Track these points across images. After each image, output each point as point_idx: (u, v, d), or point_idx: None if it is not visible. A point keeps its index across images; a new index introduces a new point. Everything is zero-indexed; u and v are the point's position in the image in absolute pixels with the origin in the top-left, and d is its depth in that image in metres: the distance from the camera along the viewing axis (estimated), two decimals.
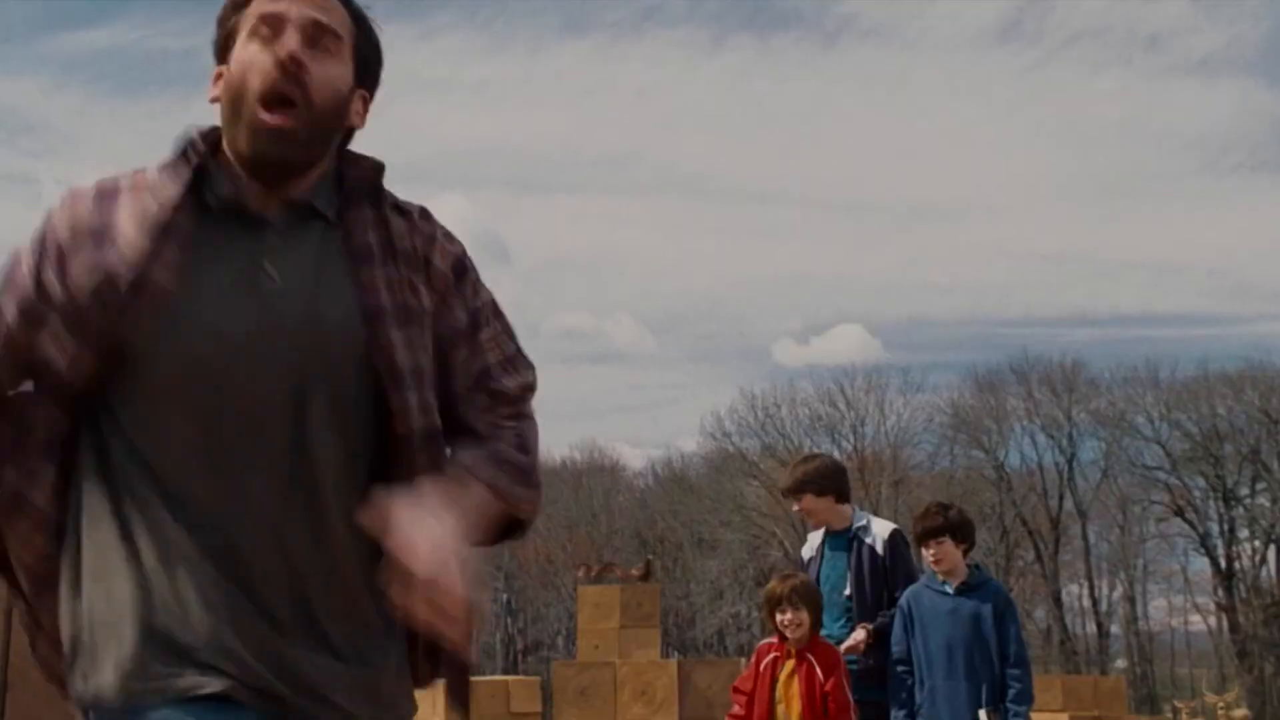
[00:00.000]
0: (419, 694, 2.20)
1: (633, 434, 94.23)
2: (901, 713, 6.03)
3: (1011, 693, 5.90)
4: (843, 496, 6.37)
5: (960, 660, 5.95)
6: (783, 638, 5.82)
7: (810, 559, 6.42)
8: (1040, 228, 77.95)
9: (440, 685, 2.27)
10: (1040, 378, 54.18)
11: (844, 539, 6.27)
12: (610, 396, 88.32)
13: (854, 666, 6.07)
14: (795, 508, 6.49)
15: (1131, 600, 53.47)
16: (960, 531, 6.11)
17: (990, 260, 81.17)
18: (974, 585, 6.10)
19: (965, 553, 6.13)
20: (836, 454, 53.00)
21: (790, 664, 5.79)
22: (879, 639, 6.11)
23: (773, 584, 5.99)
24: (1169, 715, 37.27)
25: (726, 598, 52.49)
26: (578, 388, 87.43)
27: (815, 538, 6.45)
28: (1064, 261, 78.65)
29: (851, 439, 53.52)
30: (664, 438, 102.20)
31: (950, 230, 79.40)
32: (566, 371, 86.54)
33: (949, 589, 6.07)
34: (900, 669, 6.10)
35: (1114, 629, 54.06)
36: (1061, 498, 52.94)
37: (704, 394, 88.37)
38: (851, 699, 5.73)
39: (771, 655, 5.87)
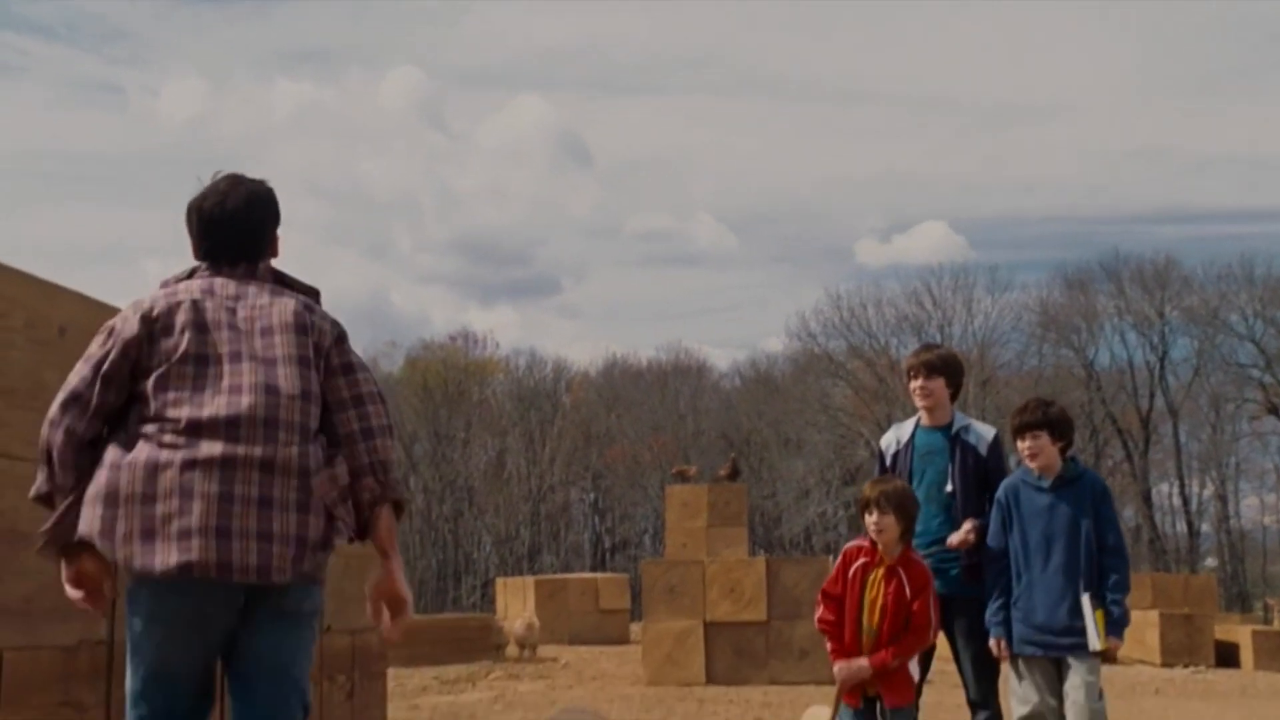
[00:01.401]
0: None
1: (717, 335, 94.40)
2: (997, 604, 6.09)
3: (1110, 581, 5.93)
4: (957, 394, 6.44)
5: (1056, 553, 5.97)
6: (873, 542, 5.89)
7: (896, 451, 6.44)
8: (1130, 123, 76.72)
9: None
10: (1131, 275, 53.57)
11: (942, 435, 6.29)
12: (694, 298, 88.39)
13: (958, 564, 6.15)
14: (916, 383, 6.41)
15: (1223, 499, 53.11)
16: (1058, 429, 6.10)
17: (1079, 157, 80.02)
18: (1070, 479, 6.09)
19: (1063, 451, 6.11)
20: None
21: (879, 573, 5.78)
22: (983, 537, 6.15)
23: (865, 486, 6.02)
24: (1260, 613, 37.13)
25: (812, 497, 52.72)
26: (661, 290, 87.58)
27: (903, 428, 6.47)
28: (1156, 157, 77.35)
29: (938, 339, 53.12)
30: (749, 339, 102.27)
31: (1037, 127, 78.27)
32: (649, 274, 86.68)
33: (1045, 483, 6.09)
34: (995, 563, 6.17)
35: (1204, 528, 53.80)
36: (1152, 396, 52.50)
37: (787, 295, 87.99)
38: (934, 619, 5.77)
39: (861, 561, 5.83)
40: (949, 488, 6.27)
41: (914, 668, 5.82)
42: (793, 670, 15.82)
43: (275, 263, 4.11)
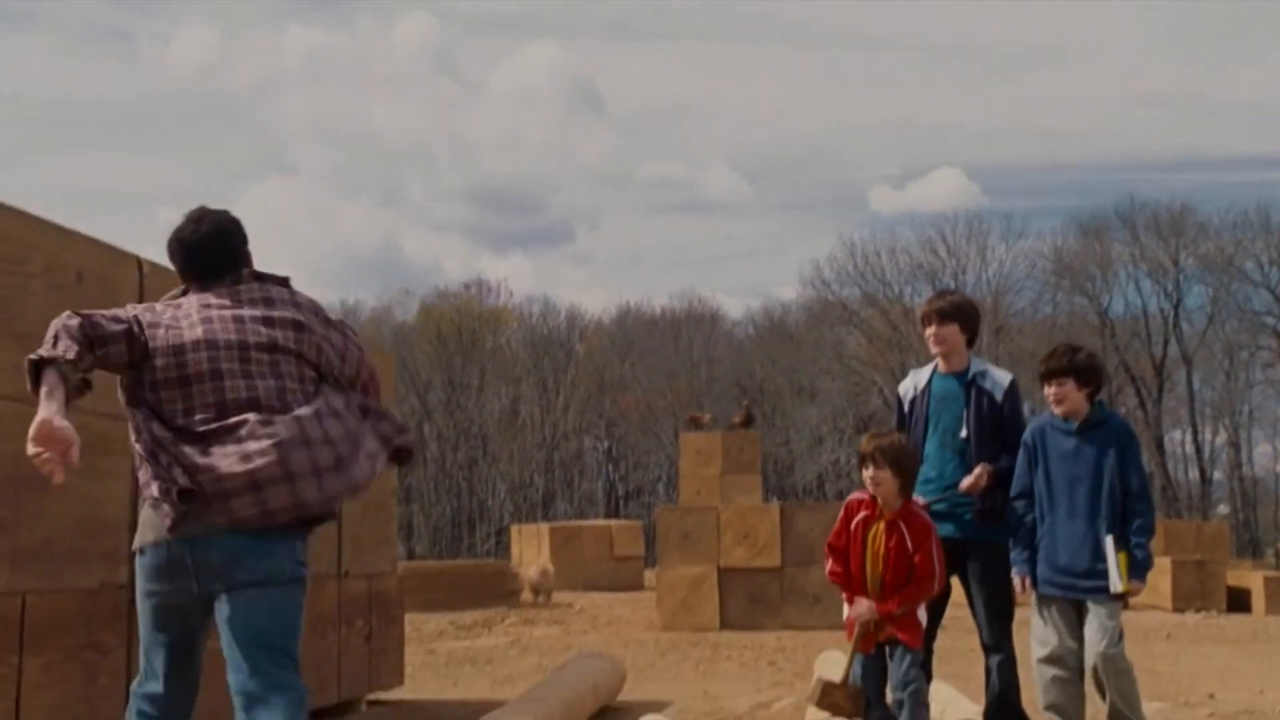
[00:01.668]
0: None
1: (731, 283, 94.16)
2: (1022, 544, 6.14)
3: (1134, 525, 5.94)
4: (973, 340, 6.43)
5: (1081, 498, 5.99)
6: (873, 495, 5.87)
7: (914, 398, 6.46)
8: (1146, 69, 76.17)
9: None
10: (1146, 222, 53.34)
11: (959, 381, 6.30)
12: (707, 246, 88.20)
13: (971, 508, 6.17)
14: (930, 330, 6.43)
15: (1235, 446, 53.04)
16: (1084, 375, 6.08)
17: (1094, 103, 79.51)
18: (1096, 423, 6.10)
19: (1090, 397, 6.11)
20: None
21: (880, 526, 5.80)
22: (997, 481, 6.17)
23: (863, 440, 6.05)
24: (1271, 560, 37.16)
25: (826, 445, 52.81)
26: (674, 237, 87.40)
27: (921, 374, 6.48)
28: (1171, 103, 76.82)
29: (952, 286, 53.04)
30: (762, 287, 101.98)
31: (1053, 73, 77.73)
32: (661, 221, 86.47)
33: (1071, 426, 6.09)
34: (1020, 503, 6.19)
35: (1216, 475, 53.78)
36: (1166, 344, 52.40)
37: (801, 242, 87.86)
38: (938, 569, 5.77)
39: (862, 514, 5.84)
40: (964, 433, 6.28)
41: (922, 613, 5.86)
42: (806, 616, 15.90)
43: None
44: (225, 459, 3.88)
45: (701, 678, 10.83)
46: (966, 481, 6.14)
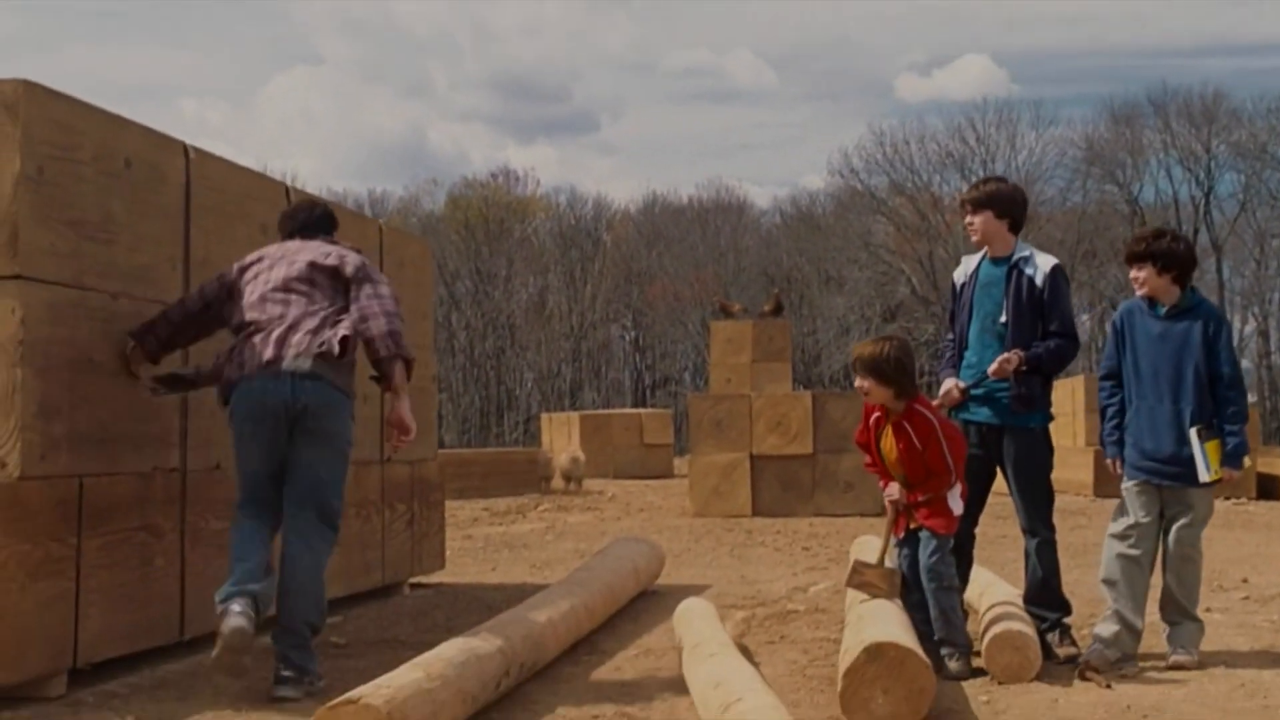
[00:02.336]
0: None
1: (758, 173, 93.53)
2: (1111, 424, 6.17)
3: (1227, 412, 5.94)
4: (1015, 225, 6.38)
5: (1165, 384, 5.98)
6: None
7: (963, 284, 6.48)
8: None
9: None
10: (1178, 109, 52.71)
11: (1003, 266, 6.29)
12: (733, 135, 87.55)
13: (1004, 393, 6.19)
14: (968, 219, 6.45)
15: (1264, 335, 52.86)
16: (1162, 260, 6.01)
17: None
18: (1185, 309, 6.05)
19: (1176, 282, 6.04)
20: (966, 190, 52.34)
21: (889, 428, 5.92)
22: (1031, 368, 6.17)
23: (854, 348, 6.15)
24: None
25: (853, 334, 52.70)
26: (699, 126, 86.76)
27: (971, 261, 6.48)
28: None
29: (982, 174, 52.63)
30: (788, 176, 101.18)
31: None
32: (687, 110, 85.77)
33: (1160, 311, 6.07)
34: (1108, 384, 6.22)
35: (1245, 364, 53.57)
36: (1196, 232, 51.96)
37: (826, 131, 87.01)
38: (951, 464, 5.82)
39: (875, 415, 6.00)
40: (1003, 319, 6.28)
41: (955, 502, 5.91)
42: (838, 502, 16.03)
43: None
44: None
45: (737, 563, 10.95)
46: (992, 367, 6.16)
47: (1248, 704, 5.20)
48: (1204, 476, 5.87)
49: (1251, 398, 50.96)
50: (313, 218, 6.00)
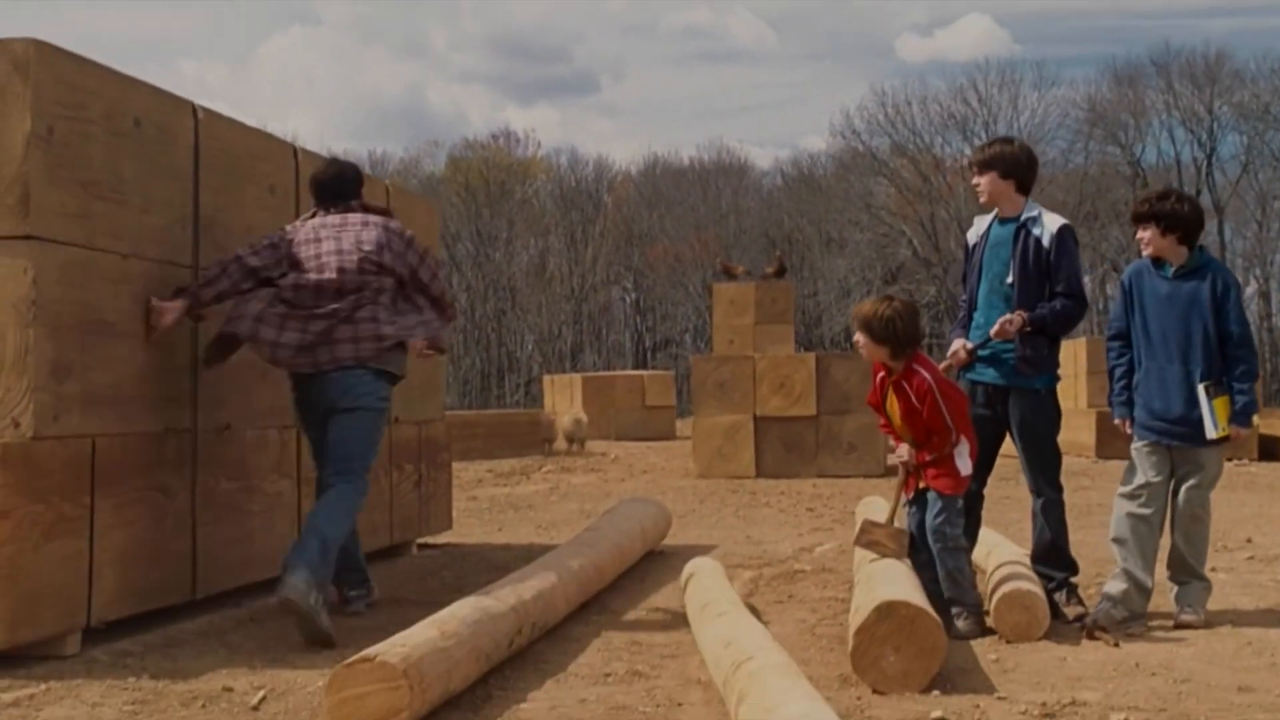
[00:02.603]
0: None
1: (759, 134, 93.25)
2: (1120, 385, 6.18)
3: (1236, 370, 5.92)
4: (1023, 186, 6.37)
5: (1174, 344, 5.99)
6: None
7: (975, 244, 6.48)
8: None
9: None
10: (1181, 70, 52.54)
11: (1012, 226, 6.30)
12: (734, 95, 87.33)
13: (1011, 354, 6.20)
14: (974, 180, 6.48)
15: (1265, 296, 52.83)
16: (1167, 221, 6.00)
17: None
18: (1193, 269, 6.04)
19: (1183, 242, 6.04)
20: (968, 151, 52.23)
21: (891, 386, 5.96)
22: (1036, 329, 6.17)
23: (855, 308, 6.18)
24: None
25: (854, 296, 52.63)
26: (700, 87, 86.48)
27: (983, 221, 6.48)
28: None
29: (983, 136, 52.41)
30: (789, 137, 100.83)
31: None
32: (688, 71, 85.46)
33: (1168, 272, 6.06)
34: (1116, 344, 6.23)
35: None
36: (1198, 194, 51.79)
37: (827, 92, 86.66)
38: (950, 423, 5.81)
39: (881, 374, 6.05)
40: (1009, 279, 6.28)
41: (963, 462, 5.92)
42: (841, 464, 16.06)
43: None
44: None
45: (742, 523, 10.98)
46: (994, 328, 6.16)
47: (1255, 661, 5.24)
48: (1211, 433, 5.88)
49: None
50: (344, 184, 6.49)
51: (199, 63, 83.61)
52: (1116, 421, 6.22)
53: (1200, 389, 5.91)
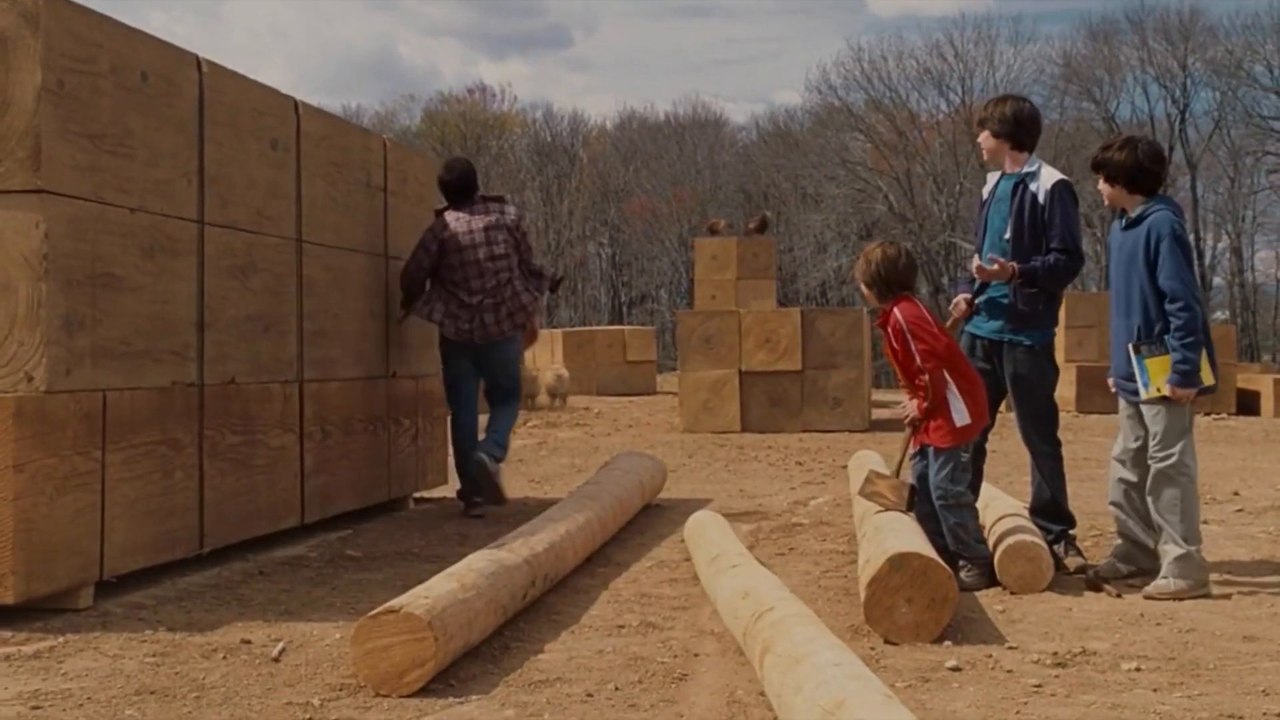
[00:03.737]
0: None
1: (734, 88, 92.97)
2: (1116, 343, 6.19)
3: (1172, 325, 5.64)
4: (1019, 144, 6.39)
5: (1120, 299, 5.89)
6: None
7: (985, 200, 6.54)
8: None
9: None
10: (1155, 25, 52.52)
11: (1013, 183, 6.35)
12: (708, 50, 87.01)
13: (1005, 301, 6.25)
14: (978, 138, 6.62)
15: (1237, 252, 53.11)
16: (1107, 169, 5.90)
17: None
18: (1136, 219, 5.87)
19: (1137, 191, 5.86)
20: (944, 107, 52.33)
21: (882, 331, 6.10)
22: (1027, 281, 6.19)
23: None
24: (1270, 362, 37.52)
25: (830, 251, 52.77)
26: (674, 42, 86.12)
27: (993, 178, 6.54)
28: None
29: (959, 91, 52.63)
30: (765, 92, 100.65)
31: None
32: (661, 25, 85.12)
33: (1123, 224, 5.95)
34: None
35: (1217, 281, 53.87)
36: (1171, 149, 52.01)
37: (801, 47, 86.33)
38: (924, 359, 5.76)
39: (878, 323, 6.19)
40: (1007, 234, 6.33)
41: (959, 414, 5.94)
42: (826, 418, 16.11)
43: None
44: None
45: (734, 477, 11.04)
46: (974, 262, 6.23)
47: (1256, 611, 5.32)
48: (1141, 393, 5.76)
49: (1222, 314, 51.41)
50: (468, 182, 8.56)
51: (168, 14, 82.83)
52: (1110, 381, 6.19)
53: (1129, 348, 5.78)
